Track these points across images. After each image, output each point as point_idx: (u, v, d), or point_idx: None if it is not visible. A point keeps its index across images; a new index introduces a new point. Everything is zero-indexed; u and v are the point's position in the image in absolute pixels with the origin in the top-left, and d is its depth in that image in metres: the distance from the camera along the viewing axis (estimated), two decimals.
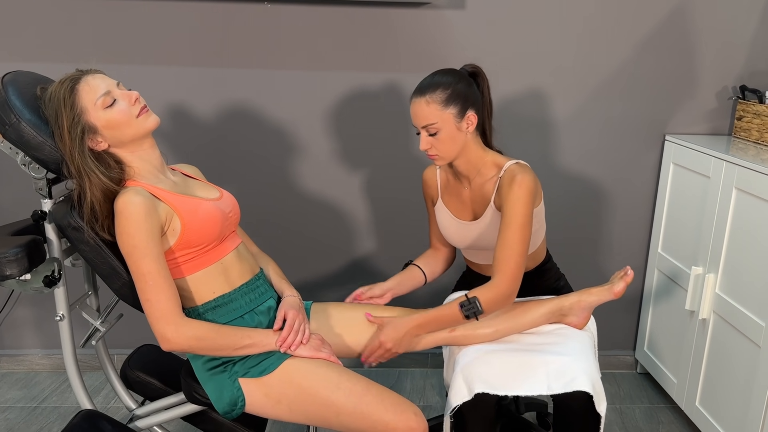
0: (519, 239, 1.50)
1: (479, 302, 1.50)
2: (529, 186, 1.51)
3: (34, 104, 1.40)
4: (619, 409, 2.32)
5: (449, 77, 1.55)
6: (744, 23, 2.23)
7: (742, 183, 1.82)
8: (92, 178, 1.36)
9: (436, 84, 1.53)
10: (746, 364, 1.81)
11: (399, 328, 1.55)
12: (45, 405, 2.30)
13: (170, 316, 1.32)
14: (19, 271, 1.36)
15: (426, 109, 1.53)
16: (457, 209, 1.69)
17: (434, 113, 1.52)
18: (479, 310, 1.50)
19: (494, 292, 1.50)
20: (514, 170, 1.54)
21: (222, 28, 2.20)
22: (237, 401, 1.42)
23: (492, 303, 1.51)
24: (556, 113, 2.30)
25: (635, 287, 2.48)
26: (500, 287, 1.50)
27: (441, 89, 1.53)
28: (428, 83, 1.55)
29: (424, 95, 1.53)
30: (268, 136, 2.30)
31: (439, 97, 1.52)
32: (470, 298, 1.51)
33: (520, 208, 1.50)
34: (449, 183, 1.71)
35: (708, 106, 2.31)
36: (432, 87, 1.53)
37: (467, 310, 1.51)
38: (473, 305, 1.50)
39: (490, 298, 1.50)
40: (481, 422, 1.53)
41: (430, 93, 1.53)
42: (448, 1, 2.18)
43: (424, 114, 1.53)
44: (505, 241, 1.50)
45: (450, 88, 1.53)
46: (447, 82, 1.54)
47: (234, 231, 1.54)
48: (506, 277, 1.50)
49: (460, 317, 1.52)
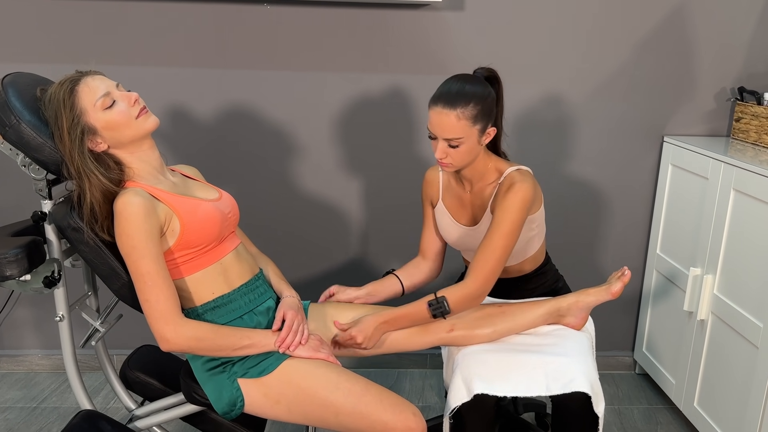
0: (502, 245, 1.50)
1: (447, 302, 1.50)
2: (525, 195, 1.50)
3: (34, 105, 1.40)
4: (618, 409, 2.32)
5: (480, 91, 1.49)
6: (742, 25, 2.24)
7: (740, 184, 1.83)
8: (92, 179, 1.37)
9: (467, 97, 1.47)
10: (744, 364, 1.81)
11: (367, 325, 1.54)
12: (45, 405, 2.31)
13: (169, 317, 1.33)
14: (19, 272, 1.37)
15: (456, 124, 1.46)
16: (457, 212, 1.69)
17: (463, 129, 1.47)
18: (446, 310, 1.51)
19: (463, 292, 1.50)
20: (513, 177, 1.54)
21: (221, 29, 2.20)
22: (236, 401, 1.42)
23: (460, 303, 1.51)
24: (555, 115, 2.30)
25: (634, 288, 2.49)
26: (470, 288, 1.50)
27: (473, 104, 1.47)
28: (459, 95, 1.47)
29: (455, 108, 1.46)
30: (267, 137, 2.30)
31: (470, 113, 1.47)
32: (438, 297, 1.51)
33: (510, 215, 1.50)
34: (451, 185, 1.70)
35: (706, 108, 2.32)
36: (464, 100, 1.46)
37: (435, 309, 1.51)
38: (441, 304, 1.51)
39: (458, 298, 1.50)
40: (480, 423, 1.53)
41: (462, 107, 1.46)
42: (447, 3, 2.19)
43: (453, 128, 1.47)
44: (488, 244, 1.50)
45: (481, 103, 1.48)
46: (479, 97, 1.48)
47: (233, 232, 1.55)
48: (479, 279, 1.50)
49: (428, 315, 1.53)
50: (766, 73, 2.29)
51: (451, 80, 1.52)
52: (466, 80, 1.51)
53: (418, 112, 2.29)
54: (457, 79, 1.52)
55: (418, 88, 2.27)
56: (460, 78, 1.52)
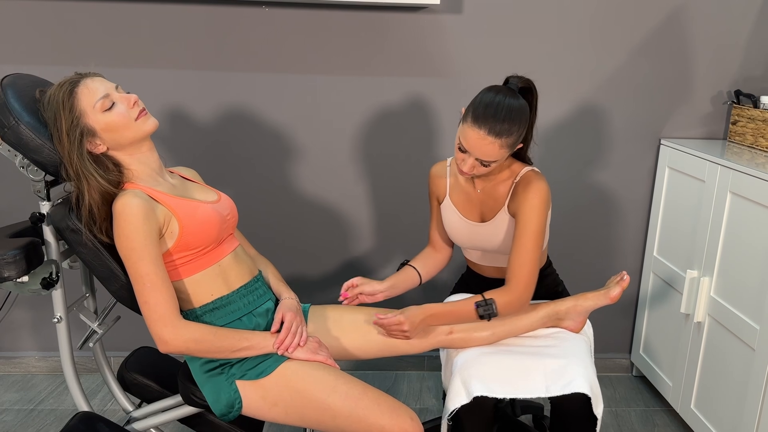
0: (533, 247, 1.51)
1: (495, 305, 1.51)
2: (546, 194, 1.52)
3: (33, 107, 1.40)
4: (615, 412, 2.33)
5: (524, 117, 1.47)
6: (738, 29, 2.25)
7: (737, 187, 1.84)
8: (90, 181, 1.37)
9: (513, 127, 1.44)
10: (741, 366, 1.82)
11: (414, 315, 1.54)
12: (42, 407, 2.30)
13: (168, 319, 1.33)
14: (16, 273, 1.37)
15: (497, 152, 1.45)
16: (465, 209, 1.69)
17: (501, 155, 1.47)
18: (494, 312, 1.51)
19: (510, 296, 1.52)
20: (530, 177, 1.55)
21: (220, 31, 2.20)
22: (234, 403, 1.42)
23: (507, 306, 1.52)
24: (553, 117, 2.31)
25: (631, 291, 2.49)
26: (516, 292, 1.52)
27: (516, 134, 1.46)
28: (506, 124, 1.43)
29: (500, 137, 1.43)
30: (265, 139, 2.31)
31: (512, 140, 1.46)
32: (487, 299, 1.51)
33: (536, 216, 1.51)
34: (459, 182, 1.70)
35: (703, 111, 2.33)
36: (509, 131, 1.44)
37: (483, 311, 1.52)
38: (489, 306, 1.51)
39: (505, 302, 1.52)
40: (479, 425, 1.53)
41: (506, 137, 1.44)
42: (445, 6, 2.19)
43: (493, 154, 1.46)
44: (521, 247, 1.52)
45: (520, 131, 1.47)
46: (523, 125, 1.47)
47: (232, 233, 1.55)
48: (521, 283, 1.52)
49: (473, 315, 1.53)
50: (762, 76, 2.30)
51: (494, 97, 1.45)
52: (511, 100, 1.45)
53: (417, 114, 2.30)
54: (501, 96, 1.45)
55: (416, 91, 2.27)
56: (505, 95, 1.46)
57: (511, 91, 1.48)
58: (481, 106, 1.45)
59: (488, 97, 1.46)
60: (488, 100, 1.45)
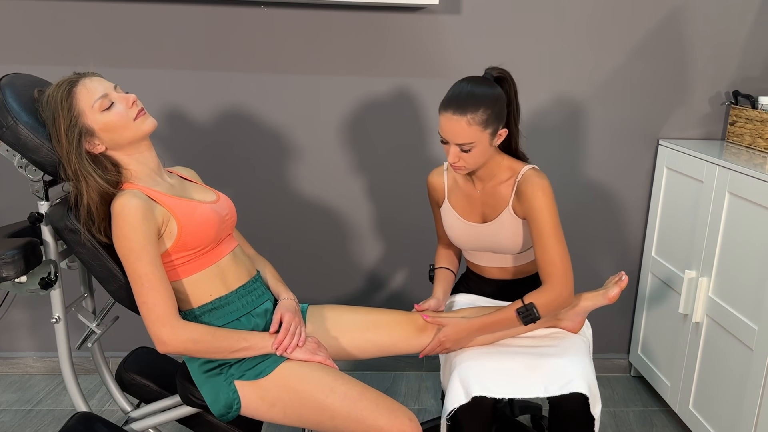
0: (557, 242, 1.52)
1: (536, 308, 1.52)
2: (551, 191, 1.53)
3: (32, 107, 1.40)
4: (613, 412, 2.33)
5: (489, 93, 1.48)
6: (736, 29, 2.25)
7: (735, 187, 1.84)
8: (89, 181, 1.36)
9: (477, 102, 1.46)
10: (739, 367, 1.82)
11: (460, 330, 1.57)
12: (40, 408, 2.30)
13: (166, 319, 1.33)
14: (15, 273, 1.36)
15: (467, 129, 1.46)
16: (464, 210, 1.68)
17: (474, 134, 1.47)
18: (536, 316, 1.52)
19: (550, 296, 1.52)
20: (531, 176, 1.54)
21: (219, 31, 2.20)
22: (232, 404, 1.42)
23: (548, 307, 1.53)
24: (551, 118, 2.31)
25: (629, 291, 2.50)
26: (555, 291, 1.52)
27: (483, 109, 1.46)
28: (469, 100, 1.46)
29: (465, 114, 1.45)
30: (264, 139, 2.31)
31: (480, 117, 1.46)
32: (527, 304, 1.52)
33: (548, 213, 1.51)
34: (458, 184, 1.69)
35: (701, 112, 2.33)
36: (474, 105, 1.45)
37: (525, 317, 1.52)
38: (531, 312, 1.52)
39: (546, 302, 1.52)
40: (478, 425, 1.53)
41: (471, 113, 1.45)
42: (444, 6, 2.19)
43: (464, 134, 1.47)
44: (545, 247, 1.52)
45: (491, 107, 1.47)
46: (489, 101, 1.47)
47: (230, 234, 1.55)
48: (558, 281, 1.52)
49: (516, 323, 1.55)
50: (760, 76, 2.30)
51: (460, 83, 1.50)
52: (476, 83, 1.49)
53: (416, 114, 2.30)
54: (466, 82, 1.50)
55: (415, 91, 2.27)
56: (470, 81, 1.50)
57: (482, 78, 1.52)
58: (449, 91, 1.51)
59: (456, 84, 1.52)
60: (455, 85, 1.51)
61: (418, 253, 2.43)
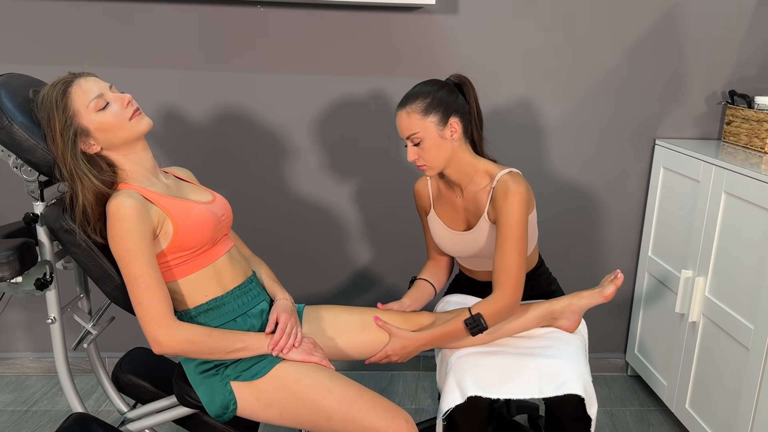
0: (517, 251, 1.51)
1: (483, 318, 1.51)
2: (523, 197, 1.51)
3: (27, 107, 1.40)
4: (610, 411, 2.33)
5: (429, 86, 1.56)
6: (733, 29, 2.26)
7: (731, 187, 1.84)
8: (84, 181, 1.36)
9: (415, 94, 1.54)
10: (735, 366, 1.83)
11: (406, 345, 1.57)
12: (36, 408, 2.29)
13: (162, 319, 1.32)
14: (10, 274, 1.36)
15: (407, 119, 1.53)
16: (450, 219, 1.69)
17: (415, 123, 1.53)
18: (484, 327, 1.52)
19: (497, 305, 1.52)
20: (507, 181, 1.54)
21: (215, 31, 2.20)
22: (229, 404, 1.42)
23: (495, 316, 1.52)
24: (548, 118, 2.32)
25: (626, 291, 2.50)
26: (503, 300, 1.52)
27: (420, 98, 1.53)
28: (409, 94, 1.56)
29: (405, 107, 1.54)
30: (260, 139, 2.30)
31: (418, 106, 1.52)
32: (474, 315, 1.52)
33: (515, 220, 1.51)
34: (441, 192, 1.71)
35: (697, 111, 2.33)
36: (412, 97, 1.54)
37: (472, 328, 1.52)
38: (478, 322, 1.52)
39: (493, 312, 1.52)
40: (474, 425, 1.53)
41: (410, 104, 1.53)
42: (440, 6, 2.19)
43: (406, 125, 1.54)
44: (504, 253, 1.51)
45: (429, 96, 1.53)
46: (426, 91, 1.54)
47: (226, 234, 1.54)
48: (508, 290, 1.51)
49: (465, 333, 1.54)
50: (756, 76, 2.31)
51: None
52: (420, 83, 1.59)
53: None
54: (414, 87, 1.58)
55: None
56: (417, 83, 1.59)
57: (434, 80, 1.59)
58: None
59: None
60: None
61: (415, 253, 2.43)
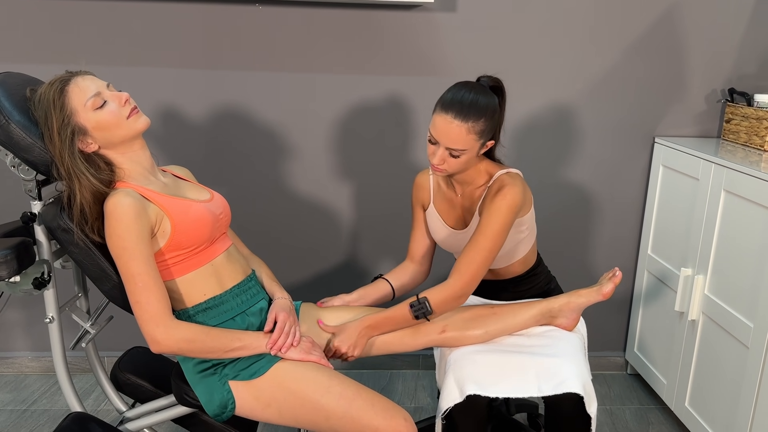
0: (488, 247, 1.49)
1: (429, 303, 1.50)
2: (514, 198, 1.49)
3: (24, 106, 1.39)
4: (609, 410, 2.33)
5: (492, 105, 1.47)
6: (732, 27, 2.25)
7: (731, 185, 1.84)
8: (82, 180, 1.36)
9: (480, 111, 1.44)
10: (735, 364, 1.82)
11: (351, 332, 1.55)
12: (35, 408, 2.29)
13: (160, 318, 1.32)
14: (8, 273, 1.36)
15: (465, 137, 1.44)
16: (448, 216, 1.69)
17: (470, 142, 1.46)
18: (428, 311, 1.51)
19: (446, 293, 1.50)
20: (503, 180, 1.53)
21: (213, 29, 2.19)
22: (227, 404, 1.41)
23: (442, 303, 1.51)
24: (547, 117, 2.31)
25: (625, 289, 2.50)
26: (453, 288, 1.50)
27: (484, 119, 1.45)
28: (473, 108, 1.44)
29: (467, 121, 1.43)
30: (258, 138, 2.30)
31: (480, 127, 1.45)
32: (420, 298, 1.51)
33: (497, 217, 1.49)
34: (441, 188, 1.70)
35: (697, 109, 2.33)
36: (476, 114, 1.44)
37: (417, 311, 1.51)
38: (423, 305, 1.51)
39: (440, 299, 1.50)
40: (473, 424, 1.53)
41: (473, 121, 1.43)
42: (439, 4, 2.19)
43: (461, 140, 1.45)
44: (474, 245, 1.50)
45: (491, 119, 1.46)
46: (491, 112, 1.46)
47: (225, 233, 1.54)
48: (463, 279, 1.50)
49: (410, 317, 1.53)
50: (755, 74, 2.30)
51: (461, 88, 1.47)
52: (478, 91, 1.47)
53: (411, 113, 2.29)
54: (468, 88, 1.47)
55: (410, 90, 2.27)
56: (471, 88, 1.47)
57: (481, 86, 1.50)
58: (450, 94, 1.48)
59: (457, 88, 1.49)
60: (456, 88, 1.49)
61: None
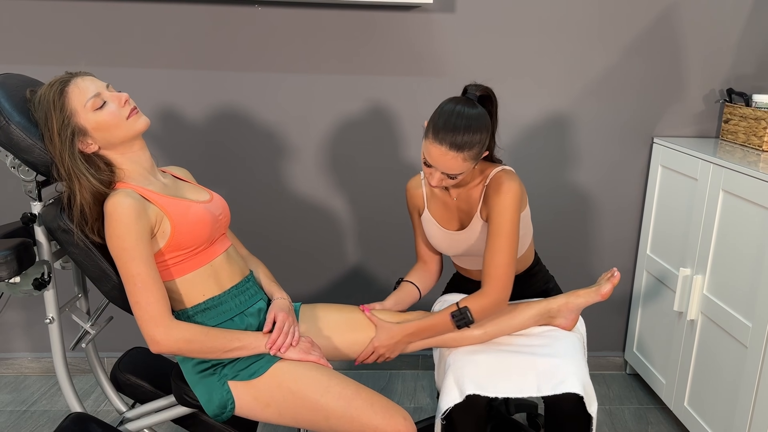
0: (507, 246, 1.50)
1: (470, 312, 1.51)
2: (516, 193, 1.51)
3: (24, 107, 1.40)
4: (609, 409, 2.33)
5: (484, 128, 1.46)
6: (730, 27, 2.26)
7: (729, 185, 1.84)
8: (82, 181, 1.36)
9: (474, 140, 1.44)
10: (733, 364, 1.83)
11: (392, 335, 1.57)
12: (35, 409, 2.29)
13: (159, 319, 1.32)
14: (8, 274, 1.36)
15: (461, 165, 1.45)
16: (443, 219, 1.69)
17: (467, 166, 1.47)
18: (470, 320, 1.52)
19: (485, 300, 1.51)
20: (500, 177, 1.54)
21: (212, 30, 2.20)
22: (226, 404, 1.42)
23: (483, 311, 1.52)
24: (545, 117, 2.32)
25: (624, 289, 2.50)
26: (491, 296, 1.51)
27: (478, 146, 1.45)
28: (467, 137, 1.43)
29: (462, 151, 1.43)
30: (258, 139, 2.30)
31: (475, 152, 1.45)
32: (461, 308, 1.52)
33: (507, 215, 1.50)
34: (434, 193, 1.70)
35: (695, 109, 2.33)
36: (470, 143, 1.43)
37: (459, 321, 1.52)
38: (464, 315, 1.52)
39: (480, 307, 1.52)
40: (472, 424, 1.53)
41: (468, 150, 1.44)
42: (438, 5, 2.19)
43: (456, 167, 1.46)
44: (494, 249, 1.51)
45: (484, 141, 1.46)
46: (483, 135, 1.45)
47: (224, 233, 1.54)
48: (497, 285, 1.51)
49: (452, 326, 1.54)
50: (754, 74, 2.31)
51: (452, 113, 1.45)
52: (470, 114, 1.44)
53: (410, 114, 2.30)
54: (458, 112, 1.44)
55: (409, 90, 2.27)
56: (462, 111, 1.44)
57: (469, 101, 1.48)
58: (441, 120, 1.45)
59: (447, 110, 1.46)
60: (447, 113, 1.45)
61: (410, 253, 2.43)
